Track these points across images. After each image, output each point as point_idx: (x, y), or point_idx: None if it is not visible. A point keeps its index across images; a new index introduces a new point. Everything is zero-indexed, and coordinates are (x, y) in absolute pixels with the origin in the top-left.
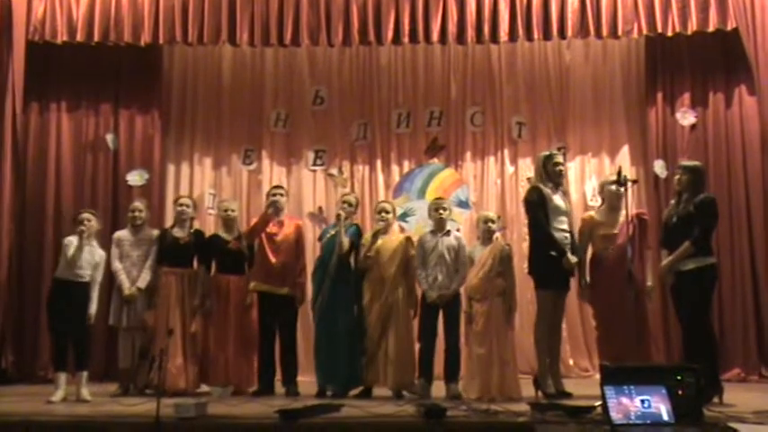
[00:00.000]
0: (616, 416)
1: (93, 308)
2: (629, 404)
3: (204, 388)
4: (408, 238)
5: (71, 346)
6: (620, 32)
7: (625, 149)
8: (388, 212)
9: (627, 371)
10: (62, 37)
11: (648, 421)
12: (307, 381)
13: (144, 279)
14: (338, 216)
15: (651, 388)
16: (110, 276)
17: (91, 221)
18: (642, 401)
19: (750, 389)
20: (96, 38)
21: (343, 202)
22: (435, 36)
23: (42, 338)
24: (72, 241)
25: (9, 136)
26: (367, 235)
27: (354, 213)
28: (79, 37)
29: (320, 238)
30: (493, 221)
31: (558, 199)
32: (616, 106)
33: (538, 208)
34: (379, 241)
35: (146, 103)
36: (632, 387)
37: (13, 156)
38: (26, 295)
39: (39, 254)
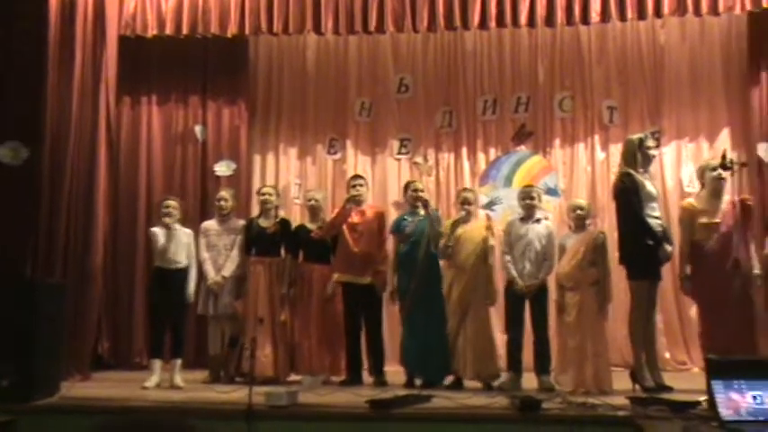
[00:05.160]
0: (725, 412)
1: (192, 287)
2: (740, 400)
3: (294, 377)
4: (488, 227)
5: (169, 332)
6: (720, 9)
7: (725, 133)
8: (470, 203)
9: (735, 364)
10: (152, 30)
11: (761, 418)
12: (392, 370)
13: (229, 268)
14: (426, 203)
15: (763, 383)
16: (198, 266)
17: (176, 209)
18: (754, 397)
19: None
20: (185, 30)
21: (414, 190)
22: (524, 19)
23: (137, 325)
24: (157, 233)
25: (104, 129)
26: (446, 223)
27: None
28: (168, 30)
29: (396, 229)
30: (583, 209)
31: (649, 185)
32: (715, 87)
33: (632, 195)
34: (460, 230)
35: (232, 95)
36: (742, 382)
37: (107, 148)
38: (120, 282)
39: (132, 242)
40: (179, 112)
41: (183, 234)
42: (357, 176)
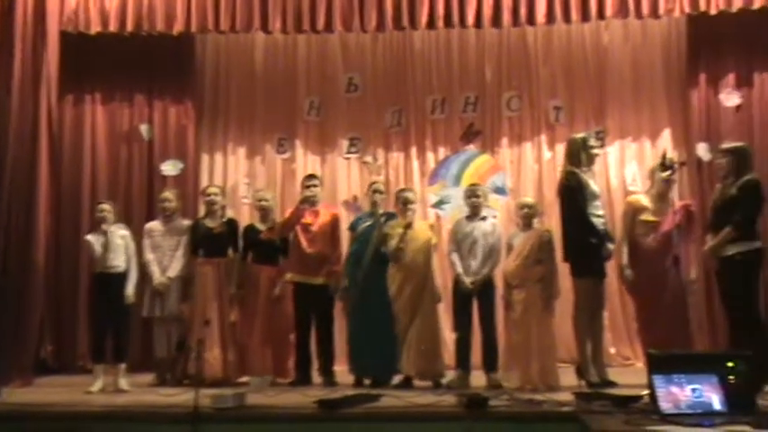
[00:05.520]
0: (666, 405)
1: (130, 288)
2: (680, 393)
3: (245, 378)
4: (432, 226)
5: (110, 337)
6: (661, 12)
7: (666, 133)
8: (414, 202)
9: (675, 359)
10: (95, 27)
11: (700, 411)
12: (343, 370)
13: (174, 268)
14: (375, 206)
15: (702, 376)
16: (142, 268)
17: (110, 212)
18: (693, 390)
19: None
20: (129, 28)
21: (374, 191)
22: (471, 20)
23: (81, 328)
24: (92, 241)
25: (45, 128)
26: (393, 223)
27: (385, 199)
28: (112, 27)
29: (352, 228)
30: (530, 207)
31: (592, 184)
32: (657, 88)
33: (577, 193)
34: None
35: (179, 93)
36: (682, 376)
37: (49, 147)
38: (64, 285)
39: (75, 243)
40: (124, 110)
41: (117, 236)
42: (311, 176)
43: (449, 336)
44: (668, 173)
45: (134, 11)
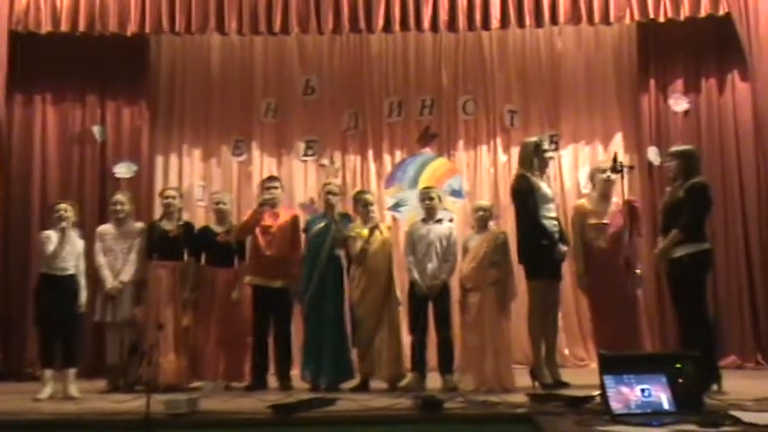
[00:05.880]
0: (616, 405)
1: (83, 296)
2: (630, 393)
3: (197, 383)
4: (389, 228)
5: (58, 341)
6: (612, 19)
7: (618, 137)
8: (372, 204)
9: (626, 359)
10: (46, 27)
11: (649, 410)
12: (299, 374)
13: (127, 272)
14: (331, 208)
15: (651, 377)
16: (94, 272)
17: (70, 212)
18: (642, 390)
19: (747, 376)
20: (81, 28)
21: (328, 192)
22: (426, 24)
23: (29, 334)
24: (50, 236)
25: None
26: (354, 225)
27: (340, 201)
28: (64, 27)
29: (305, 230)
30: (486, 210)
31: (545, 186)
32: (609, 93)
33: (527, 196)
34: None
35: (133, 95)
36: (632, 376)
37: None
38: (12, 289)
39: (25, 247)
40: (76, 111)
41: (77, 240)
42: (272, 178)
43: (405, 338)
44: (610, 174)
45: (86, 11)
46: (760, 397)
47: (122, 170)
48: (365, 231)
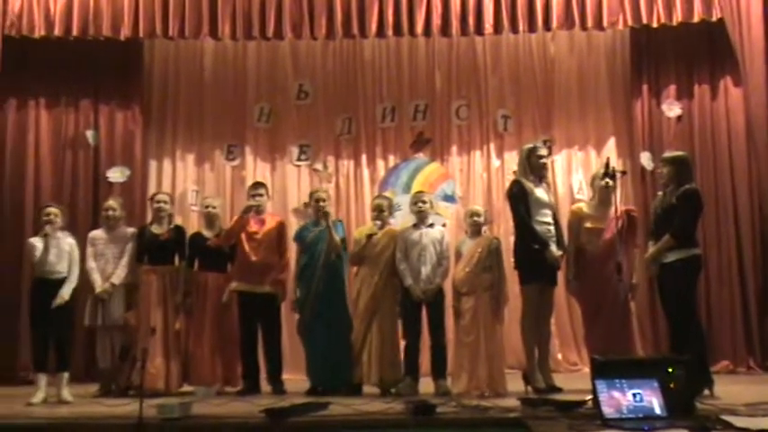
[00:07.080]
0: (608, 410)
1: (65, 290)
2: (621, 398)
3: (187, 388)
4: (394, 234)
5: (52, 346)
6: (605, 24)
7: (611, 142)
8: (383, 210)
9: (618, 364)
10: (39, 31)
11: (641, 415)
12: (292, 378)
13: (118, 276)
14: (326, 215)
15: (643, 381)
16: (84, 276)
17: (57, 216)
18: (634, 395)
19: (739, 381)
20: (75, 32)
21: (317, 200)
22: (420, 28)
23: (22, 338)
24: (34, 243)
25: None
26: (356, 232)
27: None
28: (57, 31)
29: (297, 237)
30: (479, 215)
31: (540, 192)
32: (602, 99)
33: (518, 201)
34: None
35: (126, 99)
36: (624, 381)
37: None
38: (5, 294)
39: (18, 251)
40: (69, 115)
41: (65, 243)
42: (258, 185)
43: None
44: (609, 180)
45: (80, 15)
46: (751, 402)
47: (116, 175)
48: (363, 236)
